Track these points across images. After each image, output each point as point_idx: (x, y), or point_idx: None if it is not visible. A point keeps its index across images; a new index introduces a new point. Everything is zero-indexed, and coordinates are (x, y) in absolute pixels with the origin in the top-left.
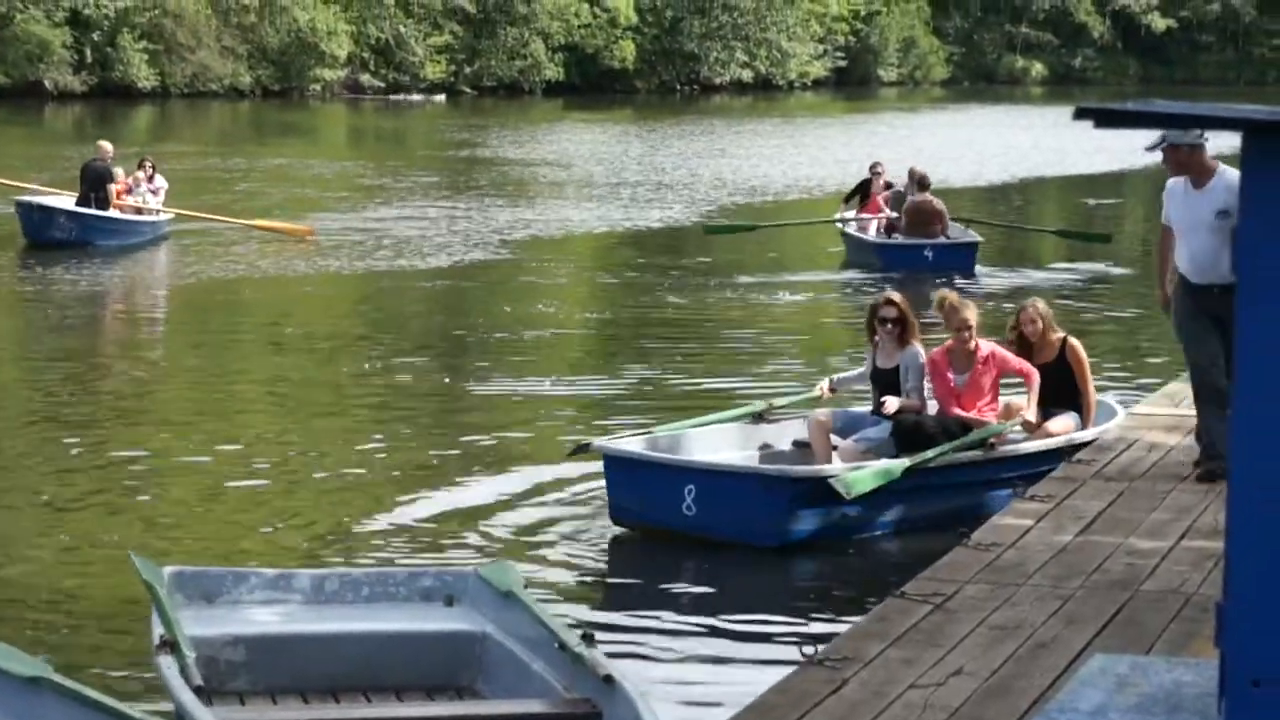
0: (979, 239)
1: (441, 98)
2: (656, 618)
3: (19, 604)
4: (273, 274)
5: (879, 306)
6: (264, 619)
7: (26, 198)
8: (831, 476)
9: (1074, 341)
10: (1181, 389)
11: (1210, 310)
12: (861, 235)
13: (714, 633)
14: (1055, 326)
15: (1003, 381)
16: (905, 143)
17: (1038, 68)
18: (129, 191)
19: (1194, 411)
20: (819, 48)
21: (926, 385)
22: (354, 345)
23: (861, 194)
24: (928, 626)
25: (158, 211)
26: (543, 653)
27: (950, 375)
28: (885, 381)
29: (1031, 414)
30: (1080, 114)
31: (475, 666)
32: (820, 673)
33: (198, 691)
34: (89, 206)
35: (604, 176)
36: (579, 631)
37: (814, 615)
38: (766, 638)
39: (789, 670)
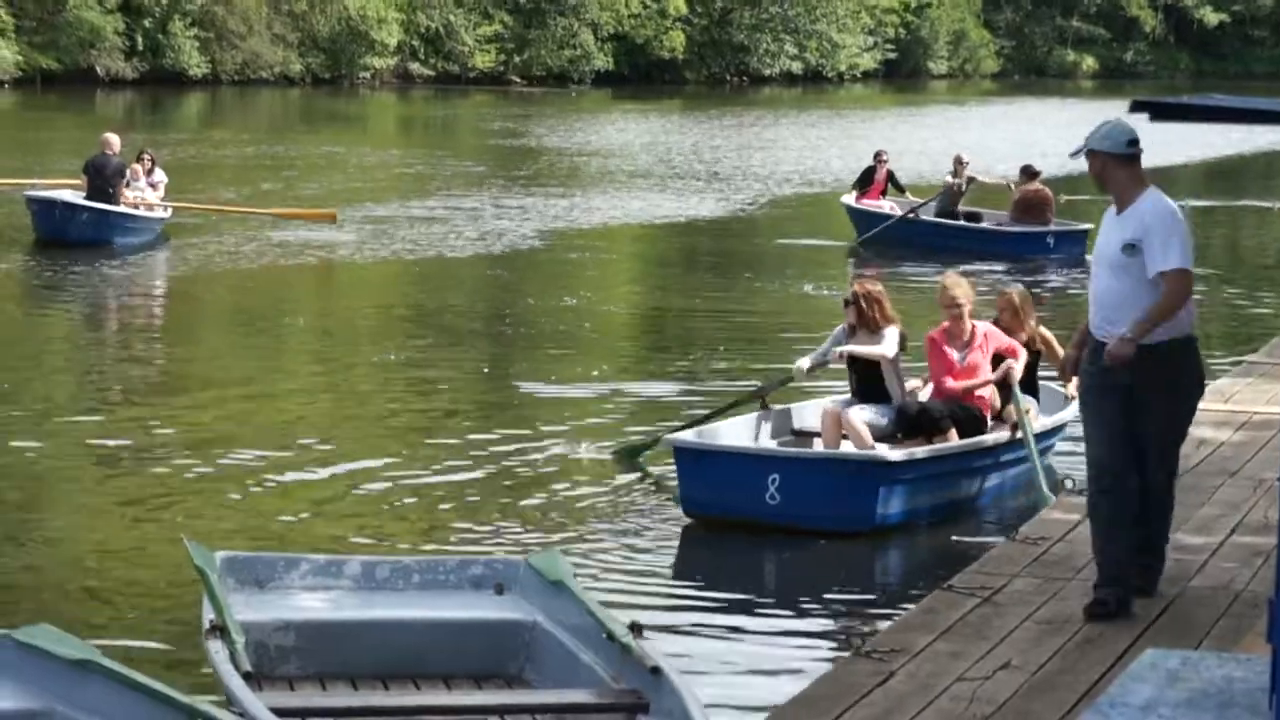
0: (1090, 226)
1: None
2: (703, 608)
3: (69, 587)
4: (311, 263)
5: (855, 295)
6: (315, 605)
7: (43, 193)
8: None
9: (1044, 331)
10: (1230, 385)
11: (1111, 376)
12: (982, 225)
13: (761, 623)
14: (1029, 316)
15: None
16: (960, 136)
17: (1089, 62)
18: (127, 185)
19: (1244, 407)
20: (869, 40)
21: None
22: (400, 334)
23: (865, 181)
24: (975, 620)
25: (166, 206)
26: (591, 643)
27: (949, 351)
28: (860, 363)
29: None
30: (1136, 107)
31: (524, 655)
32: (867, 664)
33: (246, 677)
34: (101, 202)
35: (655, 167)
36: (627, 622)
37: (862, 607)
38: (813, 629)
39: (836, 662)
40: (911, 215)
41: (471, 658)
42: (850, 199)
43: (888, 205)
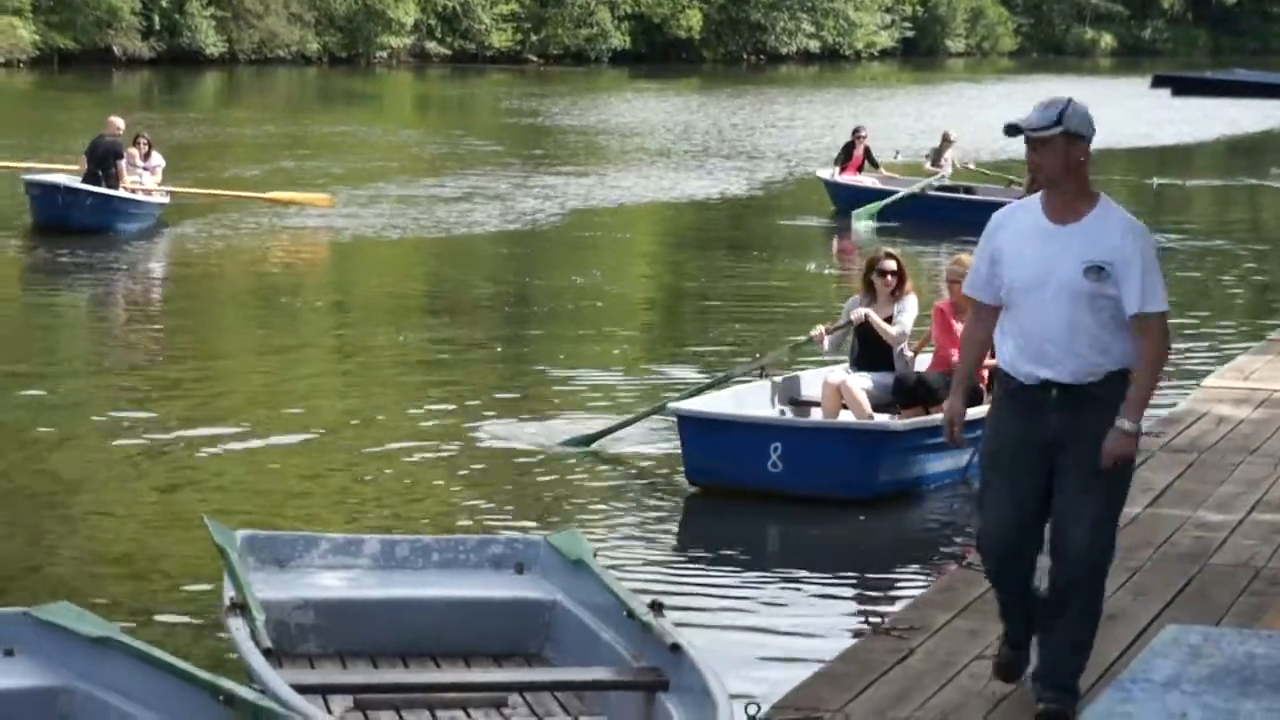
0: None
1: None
2: (722, 583)
3: (90, 566)
4: (323, 244)
5: (878, 260)
6: (335, 583)
7: (43, 178)
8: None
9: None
10: (1250, 362)
11: (1037, 428)
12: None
13: (780, 599)
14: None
15: None
16: (978, 114)
17: (1107, 39)
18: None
19: (1264, 385)
20: (886, 18)
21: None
22: (415, 314)
23: (845, 156)
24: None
25: (165, 191)
26: (611, 621)
27: (956, 325)
28: (867, 330)
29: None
30: (1159, 82)
31: (544, 634)
32: (887, 642)
33: (266, 653)
34: (97, 185)
35: (672, 145)
36: (647, 600)
37: (881, 582)
38: (833, 605)
39: (856, 638)
40: (918, 191)
41: (491, 636)
42: (828, 174)
43: (869, 180)
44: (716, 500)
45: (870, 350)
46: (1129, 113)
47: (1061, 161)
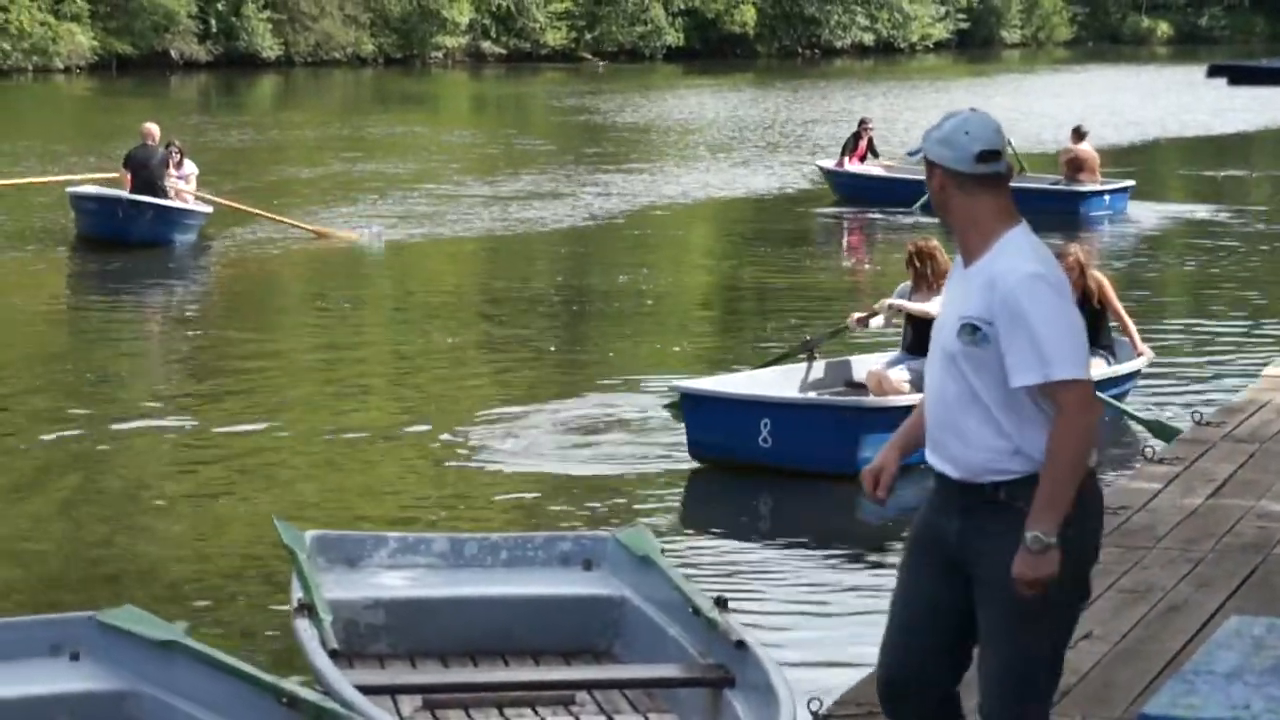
0: (1131, 183)
1: None
2: (773, 575)
3: (156, 569)
4: (381, 246)
5: (910, 250)
6: (404, 583)
7: (99, 190)
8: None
9: (1100, 277)
10: None
11: (940, 530)
12: (1042, 185)
13: (833, 589)
14: (1089, 270)
15: None
16: (1032, 105)
17: (1163, 27)
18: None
19: None
20: (941, 9)
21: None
22: (471, 312)
23: (851, 146)
24: None
25: (206, 200)
26: (678, 618)
27: None
28: (915, 317)
29: None
30: (1214, 71)
31: (612, 631)
32: None
33: (334, 655)
34: (149, 196)
35: (730, 141)
36: (713, 597)
37: None
38: (881, 595)
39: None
40: None
41: (560, 633)
42: (830, 163)
43: (879, 168)
44: (731, 480)
45: (921, 336)
46: (1190, 101)
47: (931, 189)
